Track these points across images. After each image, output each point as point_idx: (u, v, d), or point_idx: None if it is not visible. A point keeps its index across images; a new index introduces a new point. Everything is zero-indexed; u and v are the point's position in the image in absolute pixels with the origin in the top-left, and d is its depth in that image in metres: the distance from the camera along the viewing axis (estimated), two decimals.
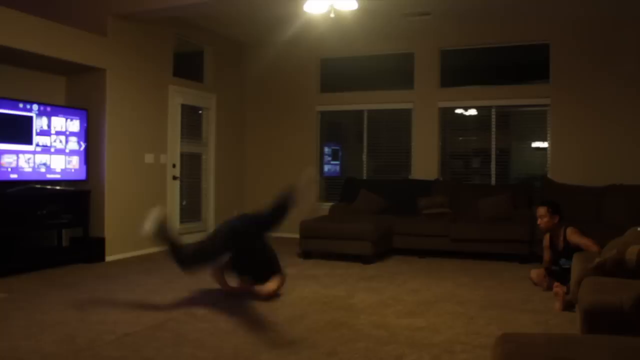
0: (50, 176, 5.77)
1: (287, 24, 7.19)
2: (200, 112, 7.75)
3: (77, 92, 6.23)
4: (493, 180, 7.33)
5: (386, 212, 6.95)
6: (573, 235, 4.44)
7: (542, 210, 4.64)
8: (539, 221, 4.69)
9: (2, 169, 5.26)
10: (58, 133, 5.83)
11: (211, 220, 7.86)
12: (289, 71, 8.36)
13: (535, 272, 4.86)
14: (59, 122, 5.84)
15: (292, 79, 8.35)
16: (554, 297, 4.15)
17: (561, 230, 4.58)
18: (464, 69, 7.60)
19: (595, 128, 6.74)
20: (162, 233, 3.93)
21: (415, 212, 6.83)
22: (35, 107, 5.60)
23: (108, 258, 6.03)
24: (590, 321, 2.53)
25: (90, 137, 6.09)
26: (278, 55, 8.36)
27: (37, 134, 5.66)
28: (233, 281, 4.49)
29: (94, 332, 3.41)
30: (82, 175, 6.02)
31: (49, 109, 5.77)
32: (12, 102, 5.37)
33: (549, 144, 7.04)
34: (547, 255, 4.72)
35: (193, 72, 7.65)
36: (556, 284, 4.22)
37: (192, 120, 7.56)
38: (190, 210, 7.55)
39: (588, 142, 6.77)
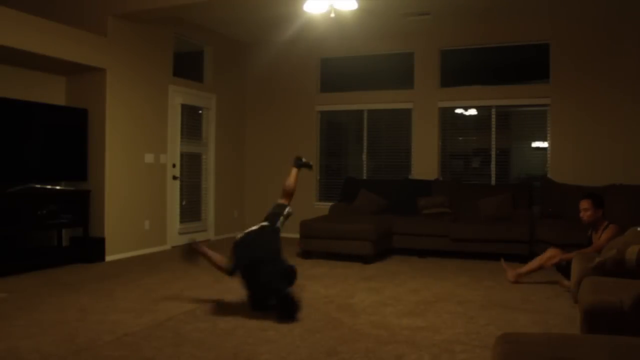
0: (50, 176, 5.77)
1: (287, 24, 7.19)
2: (200, 112, 7.75)
3: (77, 92, 6.23)
4: (493, 180, 7.33)
5: (386, 212, 6.95)
6: (607, 231, 4.44)
7: (585, 204, 4.60)
8: (581, 214, 4.61)
9: (2, 168, 5.26)
10: (58, 133, 5.83)
11: (211, 220, 7.86)
12: (289, 71, 8.36)
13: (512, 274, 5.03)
14: (58, 122, 5.84)
15: (292, 78, 8.35)
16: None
17: (603, 225, 4.55)
18: (464, 69, 7.60)
19: (595, 128, 6.74)
20: None
21: (415, 212, 6.83)
22: (35, 106, 5.60)
23: (108, 258, 6.03)
24: (590, 321, 2.53)
25: (90, 137, 6.09)
26: (278, 55, 8.36)
27: (37, 133, 5.67)
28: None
29: (94, 332, 3.41)
30: (82, 175, 6.02)
31: (48, 108, 5.77)
32: (12, 101, 5.38)
33: (549, 144, 7.04)
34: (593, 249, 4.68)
35: (193, 72, 7.65)
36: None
37: (192, 120, 7.56)
38: (190, 210, 7.55)
39: (588, 142, 6.77)
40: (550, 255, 4.71)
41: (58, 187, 5.92)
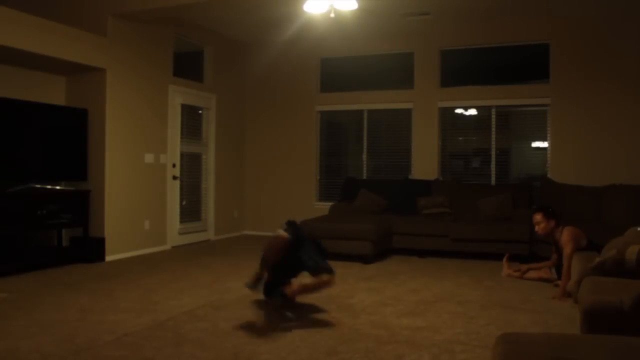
0: (50, 176, 5.77)
1: (287, 24, 7.19)
2: (200, 112, 7.75)
3: (77, 92, 6.23)
4: (493, 180, 7.33)
5: (386, 212, 6.95)
6: (563, 235, 4.47)
7: (537, 217, 4.66)
8: (536, 228, 4.71)
9: (2, 168, 5.26)
10: (58, 133, 5.83)
11: (211, 220, 7.86)
12: (289, 71, 8.36)
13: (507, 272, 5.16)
14: (58, 122, 5.84)
15: (292, 78, 8.35)
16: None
17: (559, 231, 4.59)
18: (464, 69, 7.60)
19: (595, 128, 6.74)
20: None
21: (415, 212, 6.83)
22: (35, 106, 5.60)
23: (108, 258, 6.03)
24: (590, 321, 2.53)
25: (90, 137, 6.09)
26: (278, 55, 8.36)
27: (37, 133, 5.66)
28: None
29: (94, 332, 3.41)
30: (82, 175, 6.02)
31: (48, 108, 5.77)
32: (13, 101, 5.37)
33: (549, 144, 7.04)
34: (554, 256, 4.77)
35: (193, 72, 7.65)
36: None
37: (192, 120, 7.56)
38: (190, 210, 7.54)
39: (588, 142, 6.77)
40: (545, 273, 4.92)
41: (58, 187, 5.92)
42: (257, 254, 5.95)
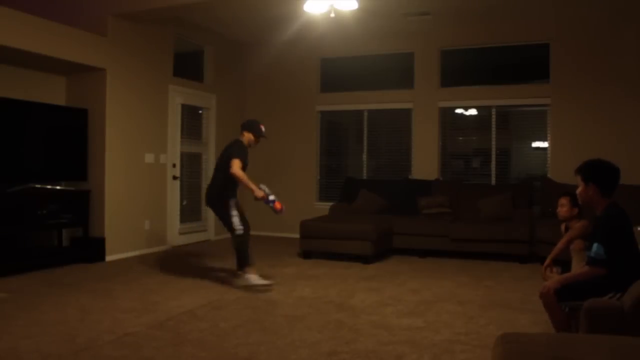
0: (50, 176, 5.77)
1: (287, 24, 7.19)
2: (200, 112, 7.75)
3: (77, 92, 6.23)
4: (493, 180, 7.33)
5: (386, 212, 6.95)
6: (579, 224, 4.47)
7: (563, 200, 4.71)
8: (558, 209, 4.74)
9: (3, 168, 5.25)
10: (58, 133, 5.83)
11: (211, 220, 7.85)
12: (289, 71, 8.36)
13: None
14: (58, 122, 5.84)
15: (292, 78, 8.35)
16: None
17: (578, 221, 4.62)
18: (464, 69, 7.60)
19: (595, 128, 6.74)
20: None
21: (415, 212, 6.83)
22: (35, 106, 5.60)
23: (108, 258, 6.03)
24: (590, 321, 2.53)
25: (90, 137, 6.09)
26: (278, 55, 8.36)
27: (37, 133, 5.67)
28: None
29: (94, 332, 3.41)
30: (82, 175, 6.02)
31: (49, 108, 5.77)
32: (12, 101, 5.37)
33: (549, 144, 7.04)
34: (561, 243, 4.75)
35: (193, 72, 7.65)
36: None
37: (192, 120, 7.56)
38: (190, 210, 7.54)
39: (588, 142, 6.77)
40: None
41: (58, 187, 5.91)
42: (257, 254, 5.98)
